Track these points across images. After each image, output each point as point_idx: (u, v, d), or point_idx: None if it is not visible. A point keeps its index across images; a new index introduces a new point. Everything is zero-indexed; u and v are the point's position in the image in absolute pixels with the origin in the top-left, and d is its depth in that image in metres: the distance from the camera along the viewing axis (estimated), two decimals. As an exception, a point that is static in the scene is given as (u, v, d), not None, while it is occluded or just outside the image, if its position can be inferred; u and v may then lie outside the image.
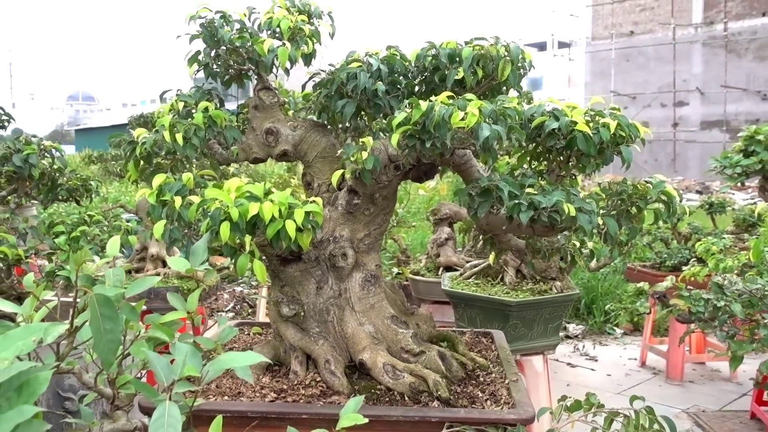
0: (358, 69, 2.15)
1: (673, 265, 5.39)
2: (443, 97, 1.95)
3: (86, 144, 37.08)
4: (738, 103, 27.29)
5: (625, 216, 2.12)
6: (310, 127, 2.44)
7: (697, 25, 29.18)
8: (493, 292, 3.73)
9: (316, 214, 1.98)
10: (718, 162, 5.36)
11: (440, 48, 2.19)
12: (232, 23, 2.28)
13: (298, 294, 2.28)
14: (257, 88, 2.42)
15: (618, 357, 6.21)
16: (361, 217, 2.31)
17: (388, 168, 2.20)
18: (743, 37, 27.77)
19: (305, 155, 2.44)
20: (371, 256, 2.35)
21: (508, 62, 2.12)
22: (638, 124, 2.07)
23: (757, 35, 27.53)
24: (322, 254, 2.28)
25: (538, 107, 2.07)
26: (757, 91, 27.03)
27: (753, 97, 27.15)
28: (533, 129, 2.09)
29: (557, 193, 1.94)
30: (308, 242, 1.98)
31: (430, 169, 2.29)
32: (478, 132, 1.82)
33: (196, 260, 1.74)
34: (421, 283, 4.91)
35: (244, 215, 1.85)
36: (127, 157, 2.30)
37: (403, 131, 1.93)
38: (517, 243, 2.54)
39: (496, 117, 1.90)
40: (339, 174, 2.12)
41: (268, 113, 2.42)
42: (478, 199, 2.02)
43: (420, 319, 2.51)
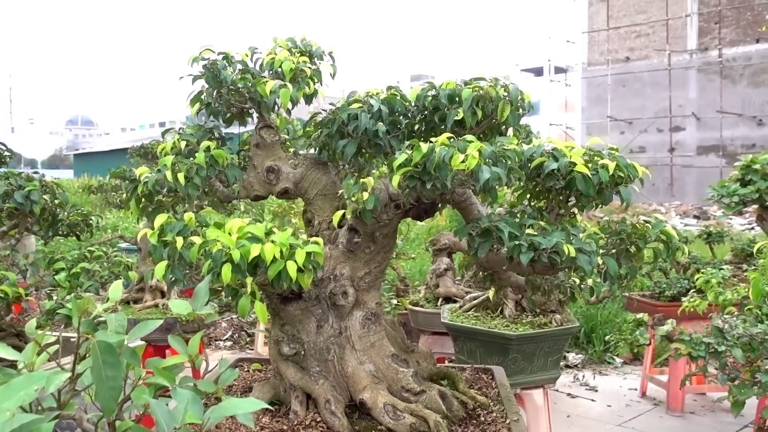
0: (359, 110, 2.17)
1: (672, 295, 5.38)
2: (443, 139, 1.97)
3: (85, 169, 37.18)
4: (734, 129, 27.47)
5: (625, 255, 2.13)
6: (310, 165, 2.45)
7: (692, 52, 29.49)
8: (493, 326, 3.72)
9: (317, 254, 1.99)
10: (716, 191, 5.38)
11: (440, 89, 2.22)
12: (235, 64, 2.31)
13: (298, 333, 2.27)
14: (258, 127, 2.44)
15: (618, 387, 6.17)
16: (361, 255, 2.31)
17: (388, 207, 2.21)
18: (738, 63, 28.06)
19: (306, 193, 2.45)
20: (372, 294, 2.36)
21: (507, 103, 2.15)
22: (636, 164, 2.09)
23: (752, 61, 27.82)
24: (322, 292, 2.28)
25: (537, 147, 2.09)
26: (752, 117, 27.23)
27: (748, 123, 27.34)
28: (533, 169, 2.11)
29: (557, 233, 1.95)
30: (309, 282, 1.98)
31: (430, 208, 2.31)
32: (478, 174, 1.84)
33: (198, 303, 1.74)
34: (421, 314, 4.90)
35: (245, 256, 1.86)
36: (128, 195, 2.31)
37: (403, 172, 1.95)
38: (517, 280, 2.55)
39: (496, 159, 1.92)
40: (340, 214, 2.14)
41: (269, 151, 2.44)
42: (478, 239, 2.03)
43: (420, 357, 2.51)
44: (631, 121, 29.01)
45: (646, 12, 30.49)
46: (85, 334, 1.46)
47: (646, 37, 30.69)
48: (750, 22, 27.94)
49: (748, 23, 28.05)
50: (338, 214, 2.14)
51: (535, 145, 2.12)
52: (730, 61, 27.52)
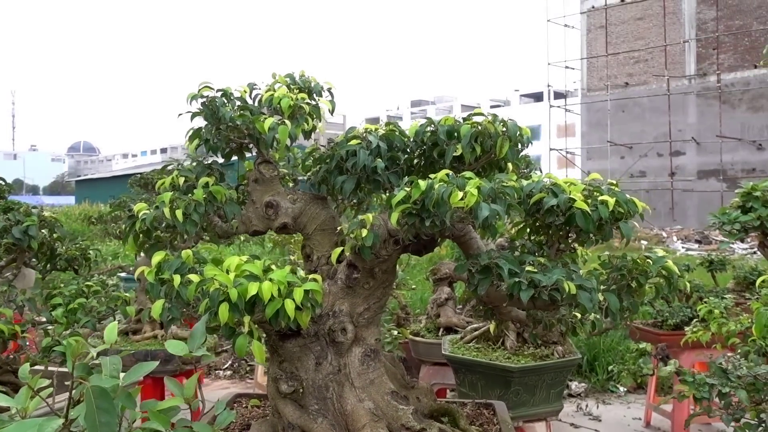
0: (357, 146, 2.17)
1: (674, 324, 5.34)
2: (442, 175, 1.97)
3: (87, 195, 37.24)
4: (734, 153, 27.54)
5: (626, 290, 2.12)
6: (309, 200, 2.45)
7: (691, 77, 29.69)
8: (494, 358, 3.69)
9: (315, 292, 1.97)
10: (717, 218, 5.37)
11: (438, 125, 2.22)
12: (233, 101, 2.32)
13: (296, 370, 2.25)
14: (257, 162, 2.44)
15: (622, 417, 6.09)
16: (360, 291, 2.30)
17: (387, 243, 2.20)
18: (736, 89, 28.21)
19: (305, 228, 2.44)
20: (371, 330, 2.34)
21: (506, 140, 2.15)
22: (636, 200, 2.08)
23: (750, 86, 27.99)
24: (321, 329, 2.26)
25: (536, 183, 2.09)
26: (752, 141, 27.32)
27: (748, 147, 27.42)
28: (532, 204, 2.10)
29: (557, 270, 1.93)
30: (307, 320, 1.97)
31: (429, 243, 2.29)
32: (477, 212, 1.83)
33: (195, 343, 1.72)
34: (421, 344, 4.86)
35: (243, 295, 1.85)
36: (127, 231, 2.30)
37: (402, 209, 1.94)
38: (518, 314, 2.53)
39: (495, 195, 1.92)
40: (339, 251, 2.12)
41: (267, 186, 2.44)
42: (478, 276, 2.01)
43: (420, 393, 2.48)
44: (631, 146, 29.09)
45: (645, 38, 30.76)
46: (80, 378, 1.44)
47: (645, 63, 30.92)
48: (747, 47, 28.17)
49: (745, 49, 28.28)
50: (336, 251, 2.13)
51: (534, 181, 2.11)
52: (728, 86, 27.69)
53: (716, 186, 26.73)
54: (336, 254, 2.13)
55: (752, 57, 28.01)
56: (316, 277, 2.01)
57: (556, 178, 2.11)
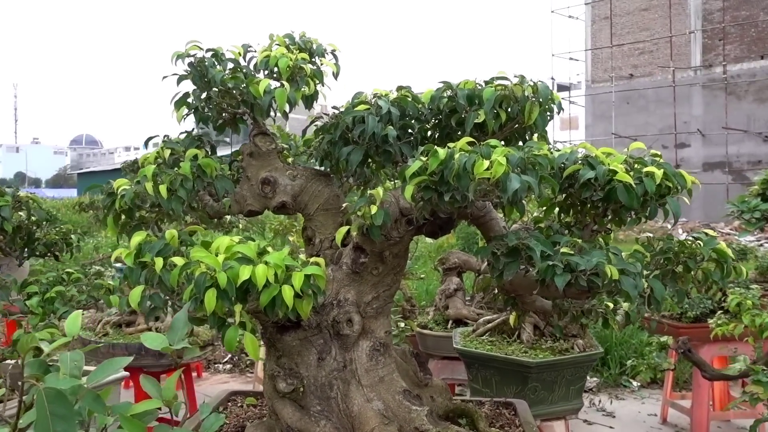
0: (365, 112, 1.91)
1: (695, 316, 5.08)
2: (463, 144, 1.71)
3: (88, 188, 36.96)
4: (739, 145, 27.21)
5: (671, 277, 1.86)
6: (311, 177, 2.19)
7: (696, 68, 29.33)
8: (510, 352, 3.43)
9: (317, 277, 1.71)
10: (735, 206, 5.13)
11: (458, 88, 1.95)
12: (225, 62, 2.06)
13: (296, 366, 2.00)
14: (253, 134, 2.19)
15: (637, 413, 5.86)
16: (368, 277, 2.04)
17: (399, 223, 1.95)
18: (742, 80, 27.86)
19: (306, 207, 2.19)
20: (380, 322, 2.08)
21: (535, 104, 1.89)
22: (685, 173, 1.82)
23: (756, 77, 27.64)
24: (324, 320, 2.01)
25: (570, 154, 1.83)
26: (758, 133, 26.98)
27: (754, 139, 27.09)
28: (564, 179, 1.84)
29: (596, 252, 1.68)
30: (308, 310, 1.71)
31: (446, 224, 2.04)
32: (505, 183, 1.57)
33: (176, 336, 1.47)
34: (430, 337, 4.61)
35: (233, 280, 1.59)
36: (105, 211, 2.05)
37: (418, 182, 1.68)
38: (543, 304, 2.27)
39: (525, 166, 1.66)
40: (344, 231, 1.87)
41: (264, 161, 2.18)
42: (504, 260, 1.76)
43: (435, 391, 2.23)
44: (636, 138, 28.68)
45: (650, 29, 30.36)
46: (32, 378, 1.19)
47: (650, 54, 30.54)
48: (754, 38, 27.79)
49: (752, 40, 27.91)
50: (342, 230, 1.87)
51: (566, 152, 1.85)
52: (734, 77, 27.33)
53: (722, 178, 26.42)
54: (341, 235, 1.87)
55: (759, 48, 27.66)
56: (319, 261, 1.75)
57: (592, 147, 1.85)
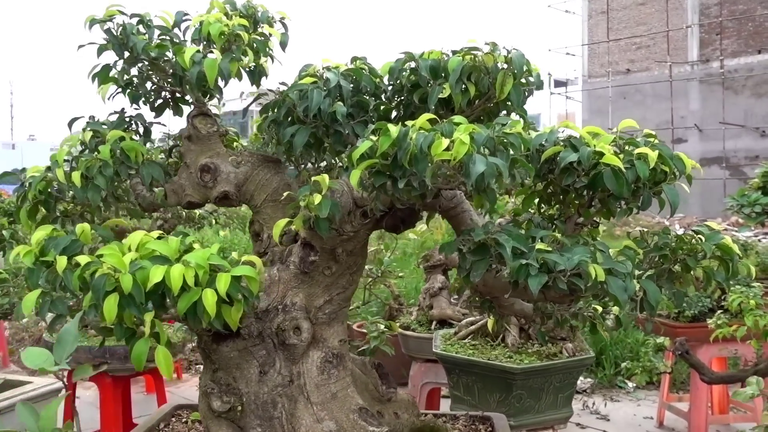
0: (311, 86, 1.64)
1: (693, 315, 4.84)
2: (423, 121, 1.44)
3: (80, 184, 36.60)
4: (737, 140, 26.99)
5: (667, 277, 1.60)
6: (257, 163, 1.92)
7: (693, 63, 29.08)
8: (493, 356, 3.17)
9: (249, 279, 1.45)
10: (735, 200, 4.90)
11: (420, 59, 1.68)
12: (152, 30, 1.78)
13: (234, 381, 1.73)
14: (191, 115, 1.92)
15: (632, 416, 5.61)
16: (320, 278, 1.78)
17: (353, 215, 1.68)
18: (740, 74, 27.63)
19: (252, 198, 1.92)
20: (334, 329, 1.81)
21: (509, 75, 1.62)
22: (684, 155, 1.56)
23: (754, 72, 27.39)
24: (267, 328, 1.74)
25: (549, 134, 1.56)
26: (755, 128, 26.75)
27: (751, 134, 26.86)
28: (543, 163, 1.58)
29: (579, 249, 1.41)
30: (238, 318, 1.45)
31: (409, 216, 1.77)
32: (468, 166, 1.30)
33: (63, 352, 1.20)
34: (412, 339, 4.34)
35: (142, 284, 1.32)
36: (18, 202, 1.78)
37: (367, 167, 1.42)
38: (523, 308, 2.01)
39: (494, 146, 1.39)
40: (282, 224, 1.59)
41: (204, 145, 1.91)
42: (471, 258, 1.49)
43: (400, 407, 1.96)
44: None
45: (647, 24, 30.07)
46: None
47: (647, 49, 30.26)
48: (751, 32, 27.53)
49: (749, 34, 27.65)
50: (280, 224, 1.59)
51: (545, 132, 1.59)
52: (732, 72, 27.07)
53: (719, 174, 26.18)
54: (279, 229, 1.60)
55: (756, 42, 27.40)
56: (253, 259, 1.48)
57: (575, 126, 1.59)
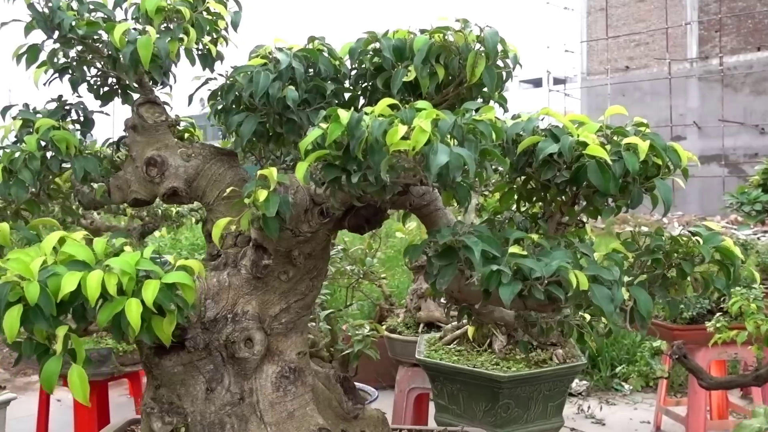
0: (259, 67, 1.46)
1: (690, 317, 4.67)
2: (382, 107, 1.26)
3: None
4: (736, 137, 26.81)
5: (661, 283, 1.42)
6: (210, 156, 1.74)
7: (693, 60, 28.89)
8: (479, 363, 2.99)
9: (183, 287, 1.27)
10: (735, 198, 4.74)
11: (384, 38, 1.50)
12: (85, 5, 1.60)
13: (179, 399, 1.55)
14: (137, 103, 1.73)
15: (629, 419, 5.45)
16: (275, 284, 1.60)
17: (310, 214, 1.50)
18: (739, 72, 27.44)
19: (204, 195, 1.74)
20: (292, 341, 1.63)
21: (481, 56, 1.44)
22: (678, 147, 1.38)
23: (753, 69, 27.20)
24: (215, 339, 1.56)
25: (527, 122, 1.38)
26: (754, 125, 26.57)
27: (751, 131, 26.68)
28: (521, 155, 1.40)
29: (559, 254, 1.23)
30: (170, 332, 1.27)
31: (374, 215, 1.59)
32: (429, 158, 1.12)
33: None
34: (398, 342, 4.16)
35: (54, 293, 1.14)
36: (-60, 199, 1.60)
37: (317, 158, 1.24)
38: (503, 315, 1.83)
39: (462, 135, 1.21)
40: (222, 224, 1.41)
41: (151, 137, 1.73)
42: (437, 263, 1.31)
43: (367, 425, 1.79)
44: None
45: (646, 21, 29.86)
46: None
47: (646, 46, 30.06)
48: (751, 30, 27.34)
49: (749, 31, 27.46)
50: (219, 224, 1.41)
51: (522, 120, 1.41)
52: (731, 69, 26.87)
53: (718, 171, 26.00)
54: (219, 229, 1.42)
55: (755, 39, 27.21)
56: (190, 264, 1.30)
57: (556, 114, 1.41)
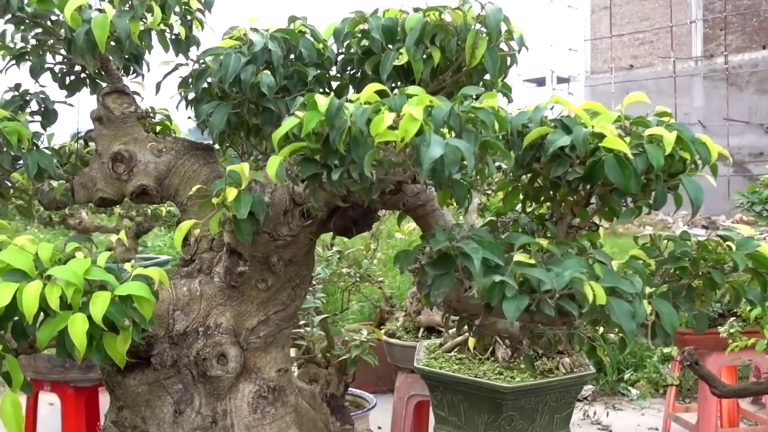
0: (230, 50, 1.30)
1: (701, 322, 4.51)
2: (368, 93, 1.10)
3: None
4: (740, 137, 26.59)
5: (686, 294, 1.25)
6: (183, 151, 1.57)
7: (697, 59, 28.66)
8: (481, 373, 2.82)
9: (140, 300, 1.10)
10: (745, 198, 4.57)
11: (372, 18, 1.33)
12: (41, -19, 1.44)
13: (143, 422, 1.39)
14: (103, 92, 1.57)
15: (636, 426, 5.27)
16: (252, 293, 1.43)
17: (290, 215, 1.34)
18: (744, 70, 27.21)
19: (177, 194, 1.57)
20: (271, 356, 1.47)
21: (482, 36, 1.27)
22: (707, 139, 1.21)
23: (758, 68, 26.96)
24: (185, 355, 1.40)
25: (534, 111, 1.21)
26: (759, 124, 26.33)
27: (756, 131, 26.45)
28: (527, 149, 1.23)
29: (572, 261, 1.06)
30: (124, 351, 1.10)
31: (363, 216, 1.42)
32: (420, 150, 0.96)
33: None
34: (397, 347, 3.99)
35: (-17, 309, 0.98)
36: None
37: (292, 152, 1.07)
38: (507, 328, 1.67)
39: (460, 125, 1.04)
40: (186, 227, 1.24)
41: (118, 130, 1.56)
42: (431, 272, 1.14)
43: (357, 448, 1.62)
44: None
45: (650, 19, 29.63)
46: None
47: (650, 45, 29.82)
48: (756, 28, 27.10)
49: (754, 29, 27.22)
50: (183, 227, 1.24)
51: (529, 109, 1.24)
52: (736, 68, 26.63)
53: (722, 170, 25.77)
54: (182, 233, 1.25)
55: (761, 38, 26.98)
56: (149, 272, 1.14)
57: (567, 102, 1.24)
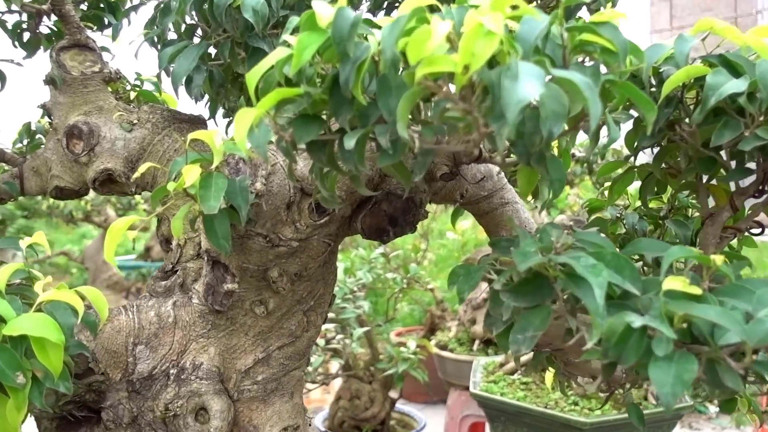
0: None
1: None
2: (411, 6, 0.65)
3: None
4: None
5: None
6: (164, 124, 1.16)
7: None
8: (552, 402, 2.34)
9: (38, 343, 0.69)
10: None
11: None
12: None
13: (91, 504, 0.98)
14: (58, 47, 1.17)
15: (718, 449, 4.70)
16: (246, 321, 1.01)
17: (296, 210, 0.91)
18: None
19: (155, 181, 1.16)
20: (274, 409, 1.04)
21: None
22: None
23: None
24: (148, 409, 0.98)
25: (678, 42, 0.75)
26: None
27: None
28: (661, 105, 0.77)
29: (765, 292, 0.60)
30: (19, 420, 0.69)
31: (404, 212, 0.98)
32: (500, 88, 0.51)
33: None
34: (450, 361, 3.54)
35: None
36: None
37: (276, 102, 0.63)
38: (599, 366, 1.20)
39: (565, 53, 0.59)
40: (120, 229, 0.80)
41: (78, 96, 1.16)
42: (511, 302, 0.69)
43: None
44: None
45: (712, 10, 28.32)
46: None
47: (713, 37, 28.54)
48: (828, 16, 25.60)
49: (827, 17, 25.73)
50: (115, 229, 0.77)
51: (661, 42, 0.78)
52: None
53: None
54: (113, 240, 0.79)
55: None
56: (68, 298, 0.73)
57: (730, 30, 0.77)
